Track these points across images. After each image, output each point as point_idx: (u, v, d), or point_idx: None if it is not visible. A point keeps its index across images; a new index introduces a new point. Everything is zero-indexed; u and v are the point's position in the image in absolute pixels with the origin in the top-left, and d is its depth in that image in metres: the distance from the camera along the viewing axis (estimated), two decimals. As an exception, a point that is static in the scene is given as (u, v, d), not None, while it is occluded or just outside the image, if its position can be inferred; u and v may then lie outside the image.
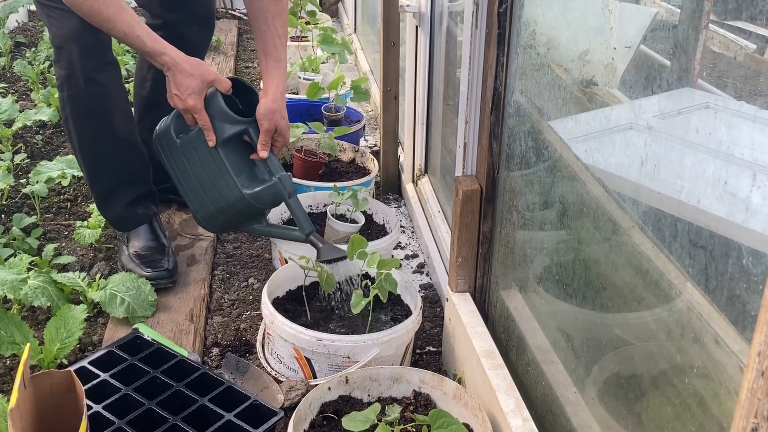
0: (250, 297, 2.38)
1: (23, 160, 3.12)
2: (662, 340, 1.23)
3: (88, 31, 2.04)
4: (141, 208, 2.40)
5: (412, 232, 2.84)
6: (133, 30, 1.93)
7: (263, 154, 2.09)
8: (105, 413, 1.69)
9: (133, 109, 2.68)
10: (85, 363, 1.84)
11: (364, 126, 3.38)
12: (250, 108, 2.10)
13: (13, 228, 2.56)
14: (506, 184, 1.82)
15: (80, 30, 2.05)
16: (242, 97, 2.13)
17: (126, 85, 2.87)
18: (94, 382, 1.78)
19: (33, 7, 5.48)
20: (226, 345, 2.14)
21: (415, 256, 2.68)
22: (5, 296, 2.03)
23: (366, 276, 2.08)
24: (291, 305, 2.15)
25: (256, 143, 2.09)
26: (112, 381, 1.79)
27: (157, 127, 2.19)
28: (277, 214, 2.54)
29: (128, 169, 2.35)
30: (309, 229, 2.12)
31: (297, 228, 2.14)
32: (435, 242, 2.56)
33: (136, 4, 2.58)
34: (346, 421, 1.61)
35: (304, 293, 2.15)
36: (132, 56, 4.34)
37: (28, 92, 3.98)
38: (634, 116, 1.29)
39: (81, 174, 2.73)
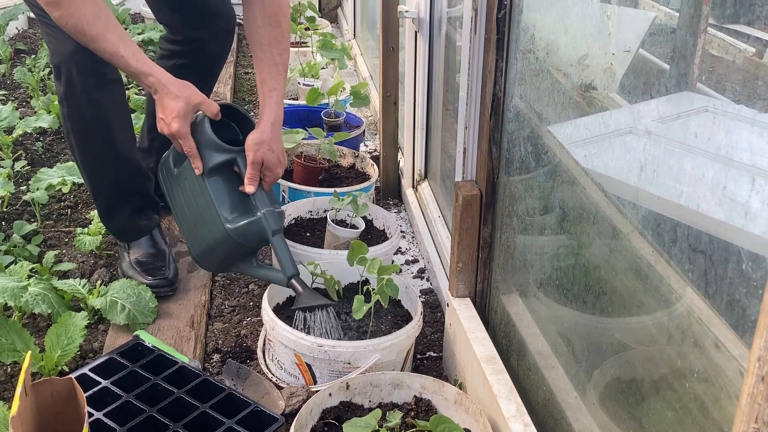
0: (251, 303, 2.38)
1: (23, 167, 3.12)
2: (662, 344, 1.23)
3: (86, 51, 1.97)
4: (143, 219, 2.39)
5: (413, 237, 2.84)
6: (117, 50, 1.85)
7: (249, 189, 1.97)
8: (106, 420, 1.69)
9: (144, 123, 2.67)
10: (86, 370, 1.84)
11: (364, 131, 3.39)
12: (244, 137, 2.00)
13: (14, 235, 2.56)
14: (506, 189, 1.82)
15: (78, 49, 1.99)
16: (243, 126, 2.04)
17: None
18: (96, 389, 1.78)
19: (33, 15, 5.48)
20: (227, 351, 2.14)
21: (415, 261, 2.68)
22: (6, 303, 2.03)
23: (366, 281, 2.08)
24: (291, 311, 2.14)
25: (244, 175, 1.99)
26: (113, 388, 1.79)
27: (162, 157, 2.11)
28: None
29: (130, 183, 2.34)
30: (291, 272, 1.96)
31: (280, 271, 1.99)
32: (435, 247, 2.57)
33: (158, 21, 2.56)
34: (347, 427, 1.61)
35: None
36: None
37: (28, 99, 3.98)
38: (633, 120, 1.29)
39: (81, 181, 2.73)
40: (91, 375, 1.82)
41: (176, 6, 2.41)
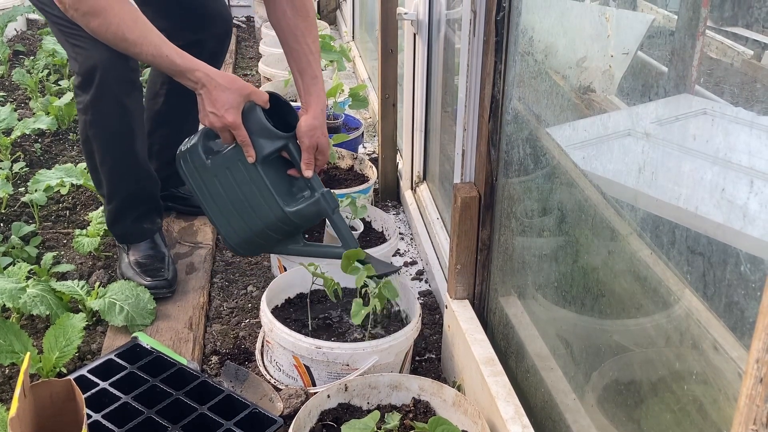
0: (249, 305, 2.38)
1: (22, 168, 3.12)
2: (661, 346, 1.23)
3: (121, 59, 2.03)
4: (147, 222, 2.40)
5: (411, 239, 2.84)
6: (160, 51, 1.87)
7: (308, 173, 2.02)
8: (105, 422, 1.69)
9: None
10: (84, 371, 1.83)
11: (363, 133, 3.39)
12: (282, 124, 2.03)
13: (12, 236, 2.56)
14: (505, 190, 1.83)
15: (114, 56, 2.03)
16: (273, 112, 2.05)
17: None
18: (94, 390, 1.78)
19: (32, 16, 5.48)
20: (225, 353, 2.14)
21: (414, 263, 2.68)
22: (4, 305, 2.03)
23: (364, 284, 2.08)
24: (290, 313, 2.14)
25: (297, 160, 2.02)
26: (112, 389, 1.79)
27: (181, 149, 2.11)
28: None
29: (143, 189, 2.36)
30: (355, 245, 2.04)
31: (339, 245, 2.06)
32: (434, 249, 2.57)
33: (156, 28, 2.57)
34: (345, 429, 1.60)
35: (308, 300, 2.14)
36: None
37: (27, 101, 3.98)
38: (631, 123, 1.29)
39: (80, 182, 2.74)
40: (90, 376, 1.82)
41: (174, 13, 2.41)
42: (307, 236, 2.53)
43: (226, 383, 2.00)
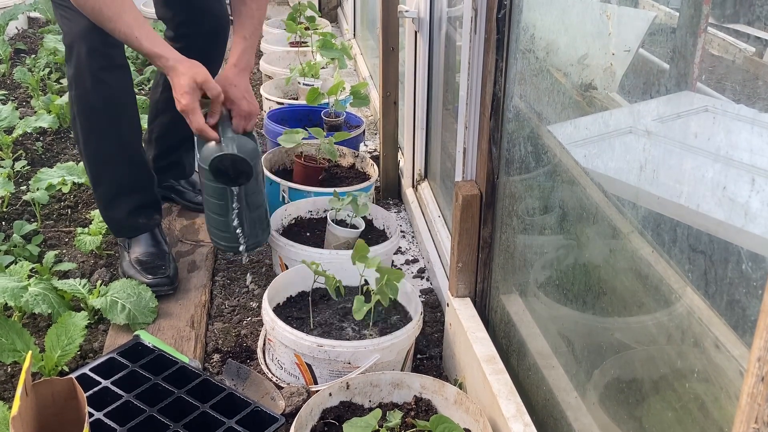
0: (251, 303, 2.38)
1: (24, 167, 3.12)
2: (662, 344, 1.23)
3: (97, 32, 2.04)
4: (143, 217, 2.39)
5: (413, 237, 2.84)
6: (132, 31, 1.93)
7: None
8: (106, 420, 1.69)
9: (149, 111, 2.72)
10: (86, 370, 1.84)
11: (364, 131, 3.38)
12: None
13: (14, 235, 2.56)
14: (506, 188, 1.82)
15: (89, 30, 2.06)
16: None
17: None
18: (96, 389, 1.78)
19: (33, 14, 5.48)
20: (227, 351, 2.14)
21: (415, 260, 2.68)
22: (6, 303, 2.03)
23: (366, 282, 2.08)
24: (292, 311, 2.15)
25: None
26: (114, 388, 1.79)
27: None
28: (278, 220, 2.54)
29: (131, 175, 2.34)
30: (232, 144, 2.00)
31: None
32: (435, 247, 2.57)
33: (156, 17, 2.60)
34: (347, 427, 1.61)
35: (310, 298, 2.15)
36: (138, 59, 4.34)
37: (28, 99, 3.98)
38: (633, 120, 1.29)
39: (81, 181, 2.74)
40: (92, 375, 1.82)
41: (169, 3, 2.46)
42: (308, 234, 2.54)
43: (227, 381, 2.00)
